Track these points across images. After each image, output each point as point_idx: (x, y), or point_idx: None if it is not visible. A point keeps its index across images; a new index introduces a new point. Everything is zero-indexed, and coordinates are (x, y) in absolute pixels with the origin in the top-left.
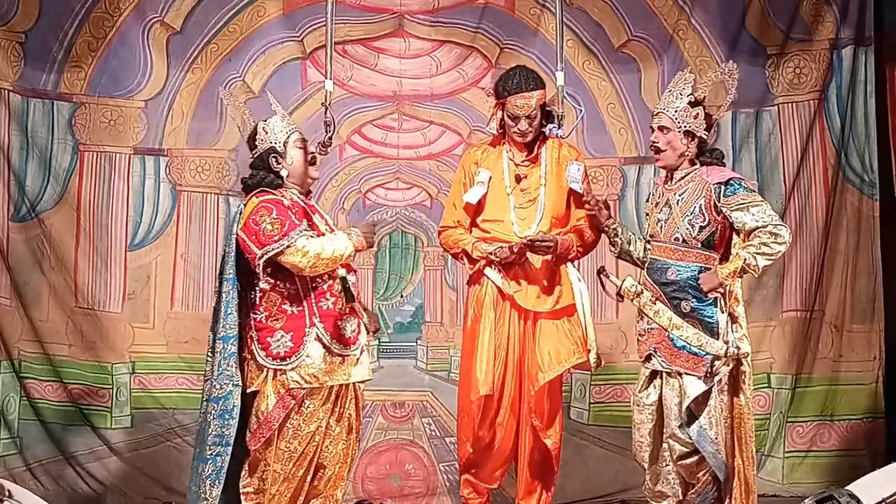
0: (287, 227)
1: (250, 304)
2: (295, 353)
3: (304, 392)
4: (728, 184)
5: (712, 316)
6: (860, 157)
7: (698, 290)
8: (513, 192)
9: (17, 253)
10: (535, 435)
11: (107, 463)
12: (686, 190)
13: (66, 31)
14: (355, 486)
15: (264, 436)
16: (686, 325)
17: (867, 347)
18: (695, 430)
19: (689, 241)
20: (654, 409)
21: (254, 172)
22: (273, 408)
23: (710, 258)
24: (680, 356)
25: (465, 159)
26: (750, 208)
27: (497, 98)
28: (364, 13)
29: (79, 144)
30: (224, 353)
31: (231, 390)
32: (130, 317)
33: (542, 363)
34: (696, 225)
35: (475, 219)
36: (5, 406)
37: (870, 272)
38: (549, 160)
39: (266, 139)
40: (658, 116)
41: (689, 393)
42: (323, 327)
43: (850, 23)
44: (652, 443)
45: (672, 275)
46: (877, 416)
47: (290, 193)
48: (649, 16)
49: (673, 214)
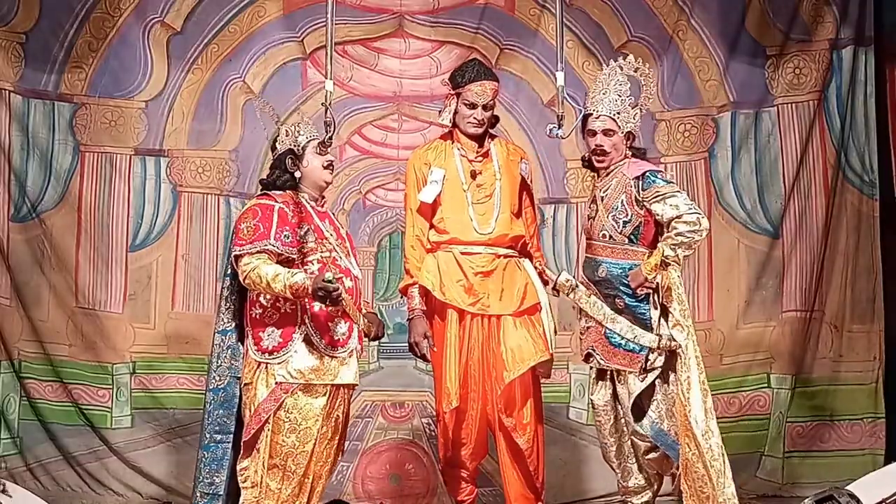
0: (255, 237)
1: (249, 300)
2: (283, 347)
3: (296, 387)
4: (644, 177)
5: (645, 312)
6: (860, 157)
7: (629, 287)
8: (469, 188)
9: (18, 253)
10: (508, 436)
11: (107, 463)
12: (609, 186)
13: (67, 31)
14: (355, 486)
15: (255, 427)
16: (619, 319)
17: (867, 347)
18: (647, 424)
19: (616, 238)
20: (609, 408)
21: (270, 171)
22: (263, 400)
23: (637, 253)
24: (617, 354)
25: (415, 161)
26: (666, 199)
27: (454, 87)
28: (364, 13)
29: (79, 145)
30: (223, 345)
31: (230, 380)
32: (131, 317)
33: (506, 362)
34: (619, 220)
35: (431, 219)
36: (5, 406)
37: (870, 272)
38: (500, 155)
39: (286, 141)
40: (601, 119)
41: (632, 390)
42: (313, 327)
43: (850, 23)
44: (615, 442)
45: (603, 272)
46: (877, 416)
47: (300, 196)
48: (649, 16)
49: (599, 211)
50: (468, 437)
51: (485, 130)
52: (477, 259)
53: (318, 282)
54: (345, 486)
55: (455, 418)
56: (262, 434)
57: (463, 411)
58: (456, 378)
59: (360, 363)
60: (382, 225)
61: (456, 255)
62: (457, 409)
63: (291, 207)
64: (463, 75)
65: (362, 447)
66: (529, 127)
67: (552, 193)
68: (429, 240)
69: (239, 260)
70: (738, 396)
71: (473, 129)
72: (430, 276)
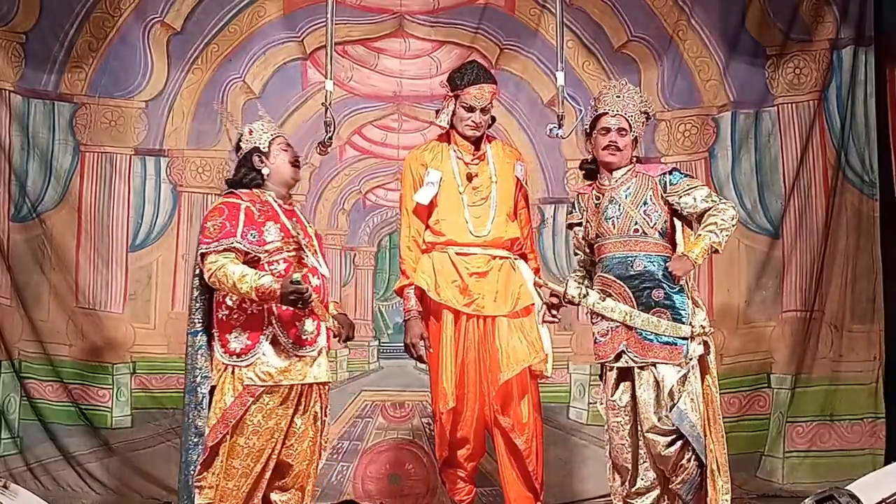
0: (221, 235)
1: (216, 302)
2: (251, 350)
3: (263, 389)
4: (671, 173)
5: (683, 302)
6: (860, 157)
7: (667, 278)
8: (465, 190)
9: (18, 253)
10: (506, 436)
11: (107, 463)
12: (631, 184)
13: (67, 31)
14: (355, 486)
15: (221, 432)
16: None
17: (867, 347)
18: (675, 414)
19: (648, 232)
20: (630, 409)
21: (237, 170)
22: (231, 405)
23: (665, 247)
24: (652, 347)
25: (411, 161)
26: (694, 192)
27: (452, 89)
28: (364, 13)
29: (79, 145)
30: (194, 346)
31: (200, 382)
32: (131, 317)
33: (501, 363)
34: (651, 215)
35: (427, 220)
36: (5, 406)
37: (870, 272)
38: (496, 157)
39: (251, 140)
40: (616, 118)
41: (665, 383)
42: (280, 327)
43: (850, 23)
44: (632, 443)
45: (640, 266)
46: (877, 416)
47: (266, 195)
48: (649, 16)
49: (625, 209)
50: (465, 438)
51: (482, 133)
52: (472, 260)
53: (287, 285)
54: (345, 486)
55: (452, 419)
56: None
57: (459, 412)
58: (452, 378)
59: (359, 363)
60: (382, 225)
61: (451, 256)
62: (454, 409)
63: (258, 206)
64: (462, 78)
65: (362, 447)
66: (529, 127)
67: (552, 193)
68: (424, 241)
69: (205, 258)
70: (738, 396)
71: (471, 132)
72: (425, 277)
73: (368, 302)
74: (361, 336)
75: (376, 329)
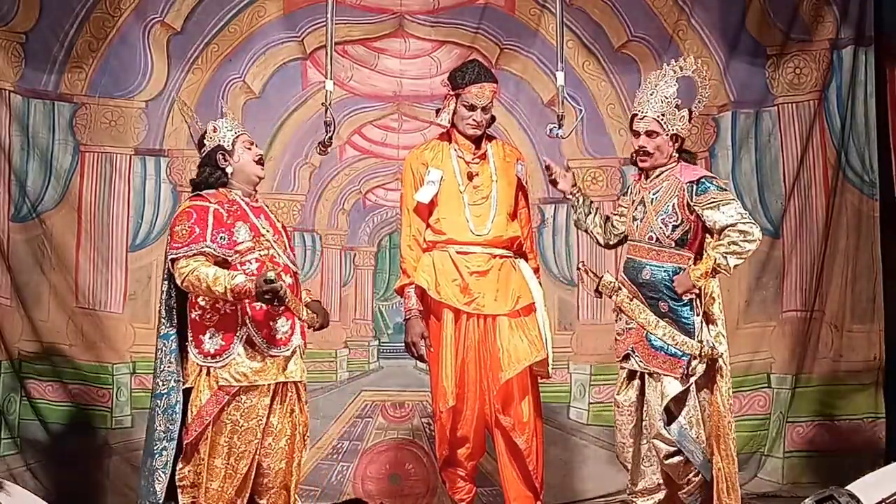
0: (191, 240)
1: (189, 303)
2: (225, 350)
3: (239, 388)
4: (699, 182)
5: (688, 317)
6: (860, 157)
7: (674, 291)
8: (466, 189)
9: (18, 253)
10: (507, 435)
11: (107, 463)
12: (660, 189)
13: (67, 31)
14: (355, 486)
15: (197, 430)
16: (663, 325)
17: (867, 347)
18: (675, 429)
19: (663, 241)
20: (633, 409)
21: (201, 170)
22: (206, 403)
23: (683, 258)
24: (657, 357)
25: (412, 160)
26: (721, 206)
27: (453, 88)
28: (364, 13)
29: (79, 145)
30: (164, 350)
31: (173, 386)
32: (131, 317)
33: (502, 362)
34: (669, 224)
35: (428, 219)
36: (5, 406)
37: (870, 272)
38: (497, 157)
39: (215, 137)
40: (644, 121)
41: (667, 393)
42: (254, 327)
43: (850, 23)
44: (634, 443)
45: (647, 275)
46: (877, 416)
47: (233, 194)
48: (649, 16)
49: (647, 213)
50: (465, 437)
51: (483, 131)
52: (473, 259)
53: (261, 283)
54: (345, 486)
55: (452, 418)
56: (203, 436)
57: (460, 411)
58: (452, 377)
59: (359, 363)
60: (382, 225)
61: (451, 255)
62: (454, 408)
63: (226, 206)
64: (463, 76)
65: (362, 447)
66: (529, 127)
67: (552, 193)
68: (425, 239)
69: (175, 263)
70: (738, 396)
71: (472, 131)
72: (425, 276)
73: (368, 302)
74: (361, 336)
75: (376, 329)
